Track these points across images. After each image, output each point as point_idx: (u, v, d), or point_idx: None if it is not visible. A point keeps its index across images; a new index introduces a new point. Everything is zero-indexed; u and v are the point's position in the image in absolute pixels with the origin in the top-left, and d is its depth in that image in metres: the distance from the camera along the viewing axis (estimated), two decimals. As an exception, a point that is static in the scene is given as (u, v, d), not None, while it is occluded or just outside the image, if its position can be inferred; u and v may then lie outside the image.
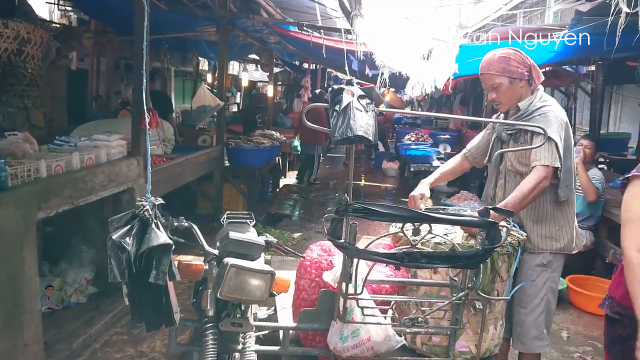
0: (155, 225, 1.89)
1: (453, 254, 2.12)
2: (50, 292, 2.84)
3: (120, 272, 1.81)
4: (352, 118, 2.06)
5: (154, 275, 1.81)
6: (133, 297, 1.89)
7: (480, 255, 2.10)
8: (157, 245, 1.83)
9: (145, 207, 1.89)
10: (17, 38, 4.85)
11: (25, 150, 3.43)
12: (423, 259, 2.05)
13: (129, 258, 1.80)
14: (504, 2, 17.58)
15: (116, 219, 1.95)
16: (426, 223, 2.10)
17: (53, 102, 9.32)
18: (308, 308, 2.46)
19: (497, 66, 2.76)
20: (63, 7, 10.13)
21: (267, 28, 7.34)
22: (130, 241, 1.82)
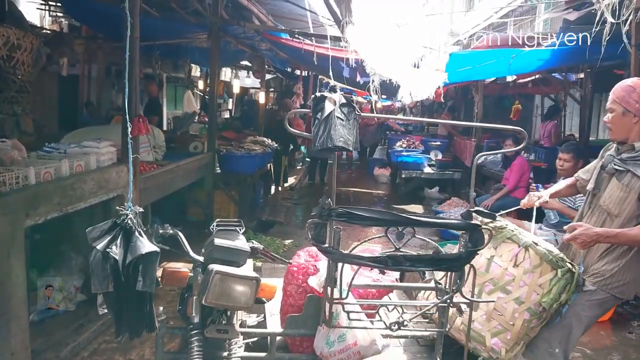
0: (139, 234, 1.90)
1: (437, 257, 2.15)
2: (50, 292, 2.83)
3: (104, 282, 1.81)
4: (333, 128, 2.09)
5: (141, 283, 1.83)
6: (117, 306, 1.90)
7: (463, 257, 2.13)
8: (144, 254, 1.84)
9: (128, 215, 1.90)
10: (7, 44, 4.85)
11: (14, 157, 3.43)
12: (407, 262, 2.08)
13: (116, 267, 1.81)
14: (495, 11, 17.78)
15: (95, 228, 1.96)
16: (409, 226, 2.13)
17: (43, 109, 9.30)
18: (295, 314, 2.47)
19: (619, 92, 2.63)
20: (54, 13, 10.11)
21: (259, 35, 7.37)
22: (116, 250, 1.83)
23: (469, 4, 24.22)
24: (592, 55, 4.74)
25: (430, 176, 10.11)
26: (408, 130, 15.84)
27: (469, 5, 24.17)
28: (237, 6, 7.75)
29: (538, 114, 13.40)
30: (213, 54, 7.13)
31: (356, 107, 2.13)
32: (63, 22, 10.64)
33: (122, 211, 1.94)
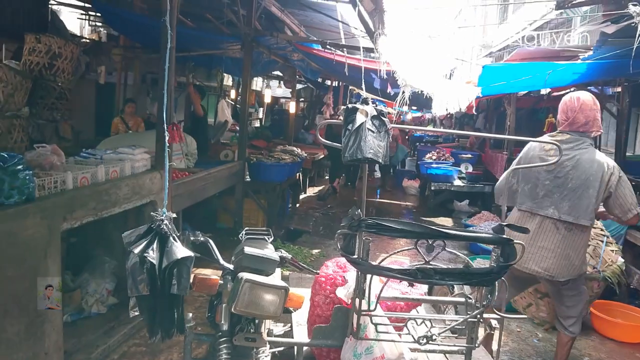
0: (174, 239, 1.94)
1: (467, 271, 2.13)
2: (50, 292, 2.85)
3: (140, 285, 1.86)
4: (364, 139, 2.09)
5: (176, 287, 1.88)
6: (150, 309, 1.94)
7: (495, 272, 2.10)
8: (180, 258, 1.88)
9: (163, 221, 1.94)
10: (48, 52, 5.02)
11: (53, 162, 3.54)
12: (436, 276, 2.06)
13: (152, 271, 1.86)
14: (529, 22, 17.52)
15: (130, 233, 2.01)
16: (439, 239, 2.11)
17: (81, 115, 9.56)
18: (322, 324, 2.47)
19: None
20: (93, 23, 10.45)
21: (291, 46, 7.44)
22: (153, 254, 1.88)
23: (502, 16, 23.98)
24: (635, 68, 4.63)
25: (460, 189, 9.99)
26: (438, 142, 15.72)
27: (502, 17, 23.94)
28: (270, 17, 7.87)
29: (572, 127, 13.10)
30: (245, 63, 7.23)
31: (387, 120, 2.13)
32: (102, 31, 10.98)
33: (157, 217, 1.99)
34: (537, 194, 3.28)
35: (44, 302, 2.45)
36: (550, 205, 3.22)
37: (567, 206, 3.18)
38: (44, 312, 2.97)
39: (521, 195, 3.36)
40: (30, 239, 2.85)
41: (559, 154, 2.61)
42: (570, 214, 3.17)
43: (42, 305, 2.45)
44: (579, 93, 3.35)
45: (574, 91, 3.37)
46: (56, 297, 2.48)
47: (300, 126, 14.72)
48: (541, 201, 3.26)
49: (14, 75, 4.51)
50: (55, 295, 2.47)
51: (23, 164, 2.87)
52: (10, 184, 2.78)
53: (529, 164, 3.28)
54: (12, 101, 4.54)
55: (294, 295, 2.32)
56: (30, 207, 2.86)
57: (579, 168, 3.16)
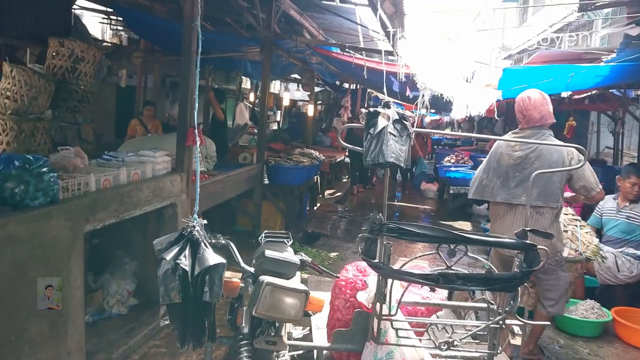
0: (205, 245, 1.95)
1: (490, 276, 2.10)
2: (50, 292, 2.88)
3: (172, 293, 1.86)
4: (385, 143, 2.09)
5: (208, 294, 1.88)
6: (183, 317, 1.94)
7: (518, 278, 2.08)
8: (212, 265, 1.88)
9: (194, 227, 1.95)
10: (71, 56, 5.08)
11: (77, 164, 3.60)
12: (458, 281, 2.04)
13: (184, 278, 1.86)
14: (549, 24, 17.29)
15: (162, 240, 2.02)
16: (461, 244, 2.10)
17: (102, 118, 9.71)
18: (342, 328, 2.47)
19: None
20: (115, 27, 10.58)
21: (310, 49, 7.46)
22: (186, 261, 1.89)
23: (521, 18, 23.73)
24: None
25: (479, 193, 9.88)
26: (456, 145, 15.62)
27: (521, 19, 23.69)
28: (289, 21, 7.89)
29: (594, 130, 12.93)
30: (265, 66, 7.27)
31: (409, 124, 2.12)
32: (123, 35, 11.11)
33: (188, 223, 2.00)
34: (509, 185, 3.64)
35: (44, 302, 2.48)
36: (522, 194, 3.56)
37: (536, 193, 3.52)
38: (67, 312, 3.02)
39: (495, 189, 3.72)
40: (54, 240, 2.89)
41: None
42: (539, 199, 3.53)
43: (42, 305, 2.48)
44: (528, 92, 3.75)
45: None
46: (56, 297, 2.51)
47: (318, 129, 14.73)
48: (514, 192, 3.62)
49: (38, 79, 4.59)
50: (55, 295, 2.49)
51: (48, 167, 2.93)
52: (36, 186, 2.83)
53: (499, 160, 3.73)
54: (35, 104, 4.63)
55: (314, 299, 2.32)
56: (54, 208, 2.91)
57: (542, 158, 3.54)
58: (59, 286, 2.50)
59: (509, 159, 3.67)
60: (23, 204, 2.77)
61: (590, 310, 4.70)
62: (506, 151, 3.71)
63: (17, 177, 2.77)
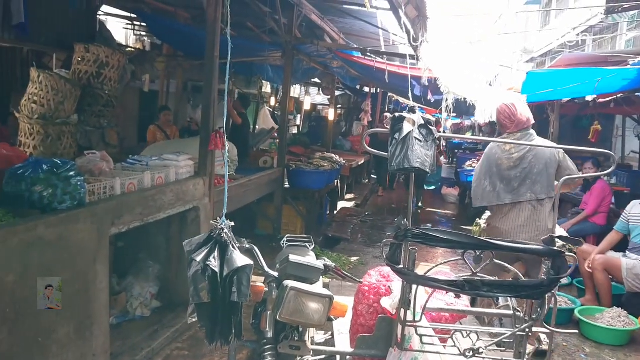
0: (233, 247, 1.98)
1: (516, 283, 2.07)
2: (50, 292, 2.92)
3: (202, 293, 1.90)
4: (411, 148, 2.08)
5: (236, 295, 1.92)
6: (211, 316, 1.98)
7: (545, 285, 2.05)
8: (240, 266, 1.93)
9: (223, 229, 1.98)
10: (97, 62, 5.17)
11: (103, 168, 3.65)
12: (484, 288, 2.02)
13: (214, 279, 1.90)
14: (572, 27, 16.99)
15: (191, 241, 2.06)
16: (488, 250, 2.07)
17: (125, 122, 9.85)
18: (366, 334, 2.45)
19: None
20: (138, 33, 10.75)
21: (331, 53, 7.47)
22: (215, 262, 1.93)
23: (544, 21, 23.42)
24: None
25: (501, 198, 9.75)
26: (477, 149, 15.45)
27: (544, 22, 23.38)
28: (311, 25, 7.93)
29: (619, 134, 12.69)
30: (286, 71, 7.30)
31: (434, 129, 2.11)
32: (146, 40, 11.28)
33: (217, 225, 2.03)
34: (513, 186, 3.92)
35: (44, 302, 2.51)
36: (527, 191, 3.88)
37: (539, 187, 3.86)
38: (93, 314, 3.06)
39: (500, 193, 3.96)
40: (80, 243, 2.94)
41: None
42: (542, 192, 3.86)
43: (42, 305, 2.51)
44: (509, 99, 4.18)
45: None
46: (56, 297, 2.53)
47: (338, 133, 14.73)
48: (518, 191, 3.91)
49: (64, 84, 4.67)
50: (55, 295, 2.52)
51: (75, 170, 2.98)
52: (63, 190, 2.88)
53: (498, 164, 3.99)
54: (62, 109, 4.71)
55: (337, 304, 2.31)
56: (81, 212, 2.96)
57: (538, 155, 3.87)
58: (59, 286, 2.52)
59: (508, 161, 3.95)
60: (51, 207, 2.82)
61: (617, 318, 4.61)
62: (503, 155, 3.99)
63: (45, 180, 2.82)
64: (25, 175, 2.81)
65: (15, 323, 2.50)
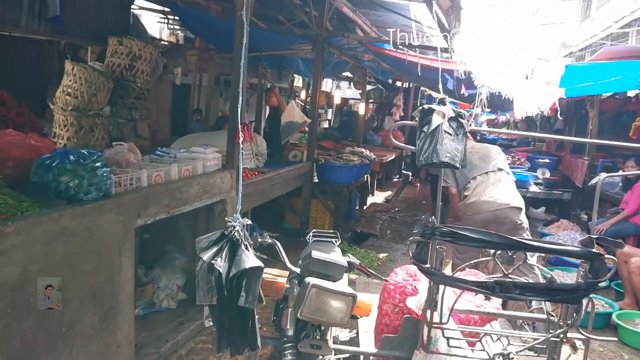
0: (245, 247, 1.89)
1: (551, 287, 1.96)
2: (50, 292, 2.93)
3: (208, 294, 1.81)
4: (440, 142, 1.98)
5: (244, 299, 1.80)
6: (219, 320, 1.88)
7: (582, 289, 1.93)
8: (248, 268, 1.81)
9: (235, 227, 1.89)
10: (129, 54, 5.21)
11: (130, 159, 3.65)
12: (516, 290, 1.92)
13: (220, 280, 1.80)
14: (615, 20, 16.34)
15: (203, 238, 1.97)
16: (520, 250, 1.97)
17: (158, 115, 9.96)
18: (390, 334, 2.37)
19: None
20: (171, 26, 10.84)
21: (362, 46, 7.36)
22: (221, 262, 1.83)
23: (585, 13, 22.61)
24: None
25: (536, 195, 9.48)
26: (512, 146, 15.09)
27: (584, 14, 22.57)
28: (341, 18, 7.82)
29: (663, 132, 12.15)
30: (317, 64, 7.22)
31: (465, 122, 2.00)
32: (179, 34, 11.37)
33: (229, 222, 1.94)
34: (475, 165, 4.61)
35: (44, 301, 2.49)
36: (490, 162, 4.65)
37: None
38: (117, 305, 3.06)
39: (470, 171, 4.59)
40: (106, 234, 2.94)
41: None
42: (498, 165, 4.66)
43: (42, 305, 2.49)
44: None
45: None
46: (56, 297, 2.51)
47: (370, 128, 14.59)
48: (480, 165, 4.65)
49: (98, 76, 4.71)
50: (55, 295, 2.50)
51: (101, 161, 2.97)
52: (89, 180, 2.88)
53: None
54: (95, 101, 4.75)
55: (361, 303, 2.23)
56: (107, 203, 2.95)
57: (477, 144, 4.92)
58: (59, 286, 2.51)
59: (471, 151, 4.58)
60: (77, 198, 2.82)
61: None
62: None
63: (71, 171, 2.82)
64: (52, 165, 2.82)
65: (39, 313, 2.51)
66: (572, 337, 2.13)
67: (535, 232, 8.49)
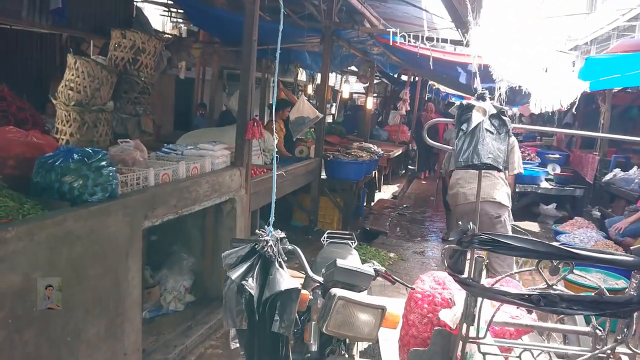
0: (279, 264, 1.68)
1: (600, 299, 1.80)
2: (50, 292, 2.78)
3: (237, 318, 1.61)
4: (481, 142, 1.81)
5: (277, 324, 1.60)
6: (248, 346, 1.69)
7: (634, 302, 1.77)
8: (283, 290, 1.63)
9: (268, 242, 1.69)
10: (133, 48, 5.04)
11: (136, 157, 3.49)
12: (562, 303, 1.76)
13: (251, 302, 1.60)
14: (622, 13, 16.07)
15: (231, 253, 1.77)
16: (567, 260, 1.80)
17: (162, 109, 9.78)
18: (419, 347, 2.21)
19: None
20: (175, 19, 10.65)
21: (372, 39, 7.17)
22: (253, 283, 1.62)
23: (590, 6, 22.30)
24: None
25: (547, 192, 9.30)
26: (519, 141, 14.87)
27: (590, 7, 22.26)
28: (350, 10, 7.63)
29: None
30: (325, 57, 7.05)
31: (508, 119, 1.83)
32: (182, 27, 11.18)
33: (261, 237, 1.73)
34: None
35: (44, 302, 2.35)
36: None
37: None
38: (124, 311, 2.91)
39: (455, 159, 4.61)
40: (112, 237, 2.78)
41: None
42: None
43: (42, 305, 2.35)
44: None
45: None
46: (56, 297, 2.37)
47: (375, 122, 14.40)
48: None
49: (101, 70, 4.55)
50: (55, 295, 2.36)
51: (107, 160, 2.81)
52: (94, 181, 2.72)
53: None
54: (98, 95, 4.59)
55: (390, 315, 2.05)
56: (112, 204, 2.79)
57: None
58: (59, 286, 2.37)
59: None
60: (81, 199, 2.66)
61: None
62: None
63: (75, 171, 2.66)
64: (55, 164, 2.66)
65: (42, 322, 2.36)
66: (619, 352, 1.97)
67: (548, 229, 8.33)
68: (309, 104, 7.08)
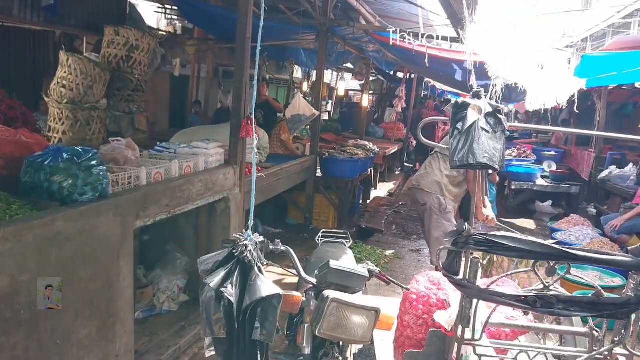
0: (259, 270, 1.62)
1: (597, 301, 1.77)
2: (50, 292, 2.73)
3: (215, 326, 1.56)
4: (476, 141, 1.77)
5: (259, 332, 1.54)
6: (227, 356, 1.63)
7: (632, 303, 1.75)
8: (265, 297, 1.56)
9: (247, 247, 1.64)
10: (126, 45, 4.98)
11: (128, 156, 3.44)
12: (559, 305, 1.73)
13: (230, 310, 1.55)
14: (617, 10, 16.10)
15: (208, 259, 1.71)
16: (565, 261, 1.77)
17: (156, 107, 9.72)
18: (414, 349, 2.18)
19: None
20: (169, 16, 10.58)
21: (367, 36, 7.13)
22: (232, 289, 1.56)
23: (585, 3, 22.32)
24: None
25: (543, 189, 9.30)
26: (514, 138, 14.87)
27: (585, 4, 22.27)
28: (345, 7, 7.58)
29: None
30: (320, 55, 7.00)
31: (504, 118, 1.80)
32: (177, 24, 11.12)
33: (239, 241, 1.68)
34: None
35: (44, 302, 2.31)
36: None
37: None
38: (116, 312, 2.87)
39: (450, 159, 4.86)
40: (103, 238, 2.73)
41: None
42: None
43: (42, 305, 2.31)
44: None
45: None
46: (56, 297, 2.33)
47: (370, 120, 14.38)
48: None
49: (94, 68, 4.48)
50: (55, 295, 2.32)
51: (97, 159, 2.76)
52: (84, 180, 2.67)
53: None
54: (91, 93, 4.53)
55: (384, 317, 2.02)
56: (103, 204, 2.75)
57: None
58: (59, 286, 2.34)
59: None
60: (71, 199, 2.62)
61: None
62: None
63: (65, 170, 2.62)
64: (44, 164, 2.61)
65: (31, 325, 2.31)
66: (617, 353, 1.94)
67: (543, 226, 8.32)
68: (305, 102, 7.04)
